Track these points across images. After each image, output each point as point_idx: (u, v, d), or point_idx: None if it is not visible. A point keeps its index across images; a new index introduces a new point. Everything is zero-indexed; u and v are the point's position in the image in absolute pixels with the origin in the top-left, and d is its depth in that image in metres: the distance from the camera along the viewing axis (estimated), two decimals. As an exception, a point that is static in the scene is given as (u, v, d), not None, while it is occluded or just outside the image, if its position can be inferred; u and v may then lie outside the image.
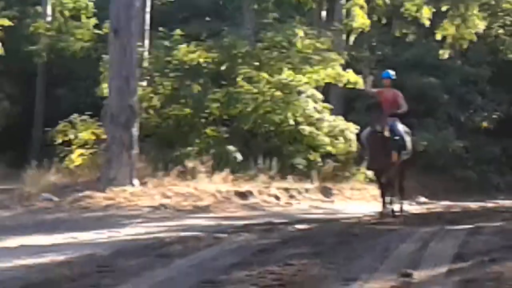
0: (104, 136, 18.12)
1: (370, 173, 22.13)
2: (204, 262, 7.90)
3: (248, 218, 14.40)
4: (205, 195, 16.70)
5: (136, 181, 16.54)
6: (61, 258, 8.53)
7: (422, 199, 23.95)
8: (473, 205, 21.42)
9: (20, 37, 28.17)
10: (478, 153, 27.56)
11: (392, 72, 15.27)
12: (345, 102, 25.95)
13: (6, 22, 26.49)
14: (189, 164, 17.95)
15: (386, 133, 14.19)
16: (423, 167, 25.71)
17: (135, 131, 16.65)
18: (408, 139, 14.90)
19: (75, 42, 27.31)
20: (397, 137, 14.40)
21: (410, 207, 20.23)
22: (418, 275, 6.71)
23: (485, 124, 28.26)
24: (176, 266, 7.71)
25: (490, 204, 22.25)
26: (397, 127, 14.61)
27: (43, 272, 7.52)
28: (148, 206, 15.33)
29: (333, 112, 22.05)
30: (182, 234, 10.83)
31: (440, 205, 21.95)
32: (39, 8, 29.81)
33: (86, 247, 9.63)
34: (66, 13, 28.97)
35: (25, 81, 28.24)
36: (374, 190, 22.49)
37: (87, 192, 15.70)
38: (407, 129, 15.42)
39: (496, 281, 6.29)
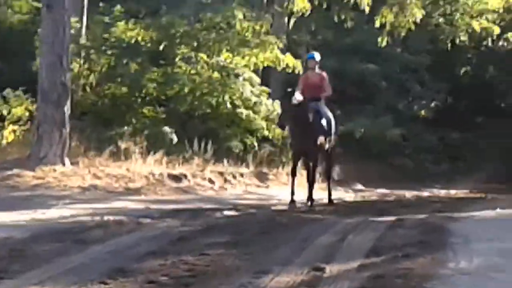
0: (38, 113, 17.80)
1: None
2: (120, 249, 7.82)
3: (178, 202, 14.38)
4: (138, 177, 16.53)
5: (67, 161, 16.28)
6: (-26, 240, 8.36)
7: (359, 186, 24.10)
8: (408, 193, 21.65)
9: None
10: (416, 141, 27.78)
11: (316, 54, 15.02)
12: (284, 86, 25.90)
13: None
14: (123, 145, 17.73)
15: (310, 116, 13.88)
16: (361, 154, 25.89)
17: (67, 109, 16.36)
18: (333, 124, 14.66)
19: (12, 15, 26.72)
20: (323, 120, 14.19)
21: (346, 194, 20.41)
22: (330, 269, 6.72)
23: (423, 112, 28.53)
24: (92, 252, 7.63)
25: (425, 193, 22.52)
26: (323, 110, 14.39)
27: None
28: (78, 187, 15.11)
29: (271, 96, 22.01)
30: (106, 218, 10.70)
31: (375, 193, 22.13)
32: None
33: (5, 229, 9.45)
34: (5, -16, 28.40)
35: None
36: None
37: (16, 170, 15.39)
38: (330, 114, 15.04)
39: (405, 277, 6.30)
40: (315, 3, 24.32)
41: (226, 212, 12.34)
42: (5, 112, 19.40)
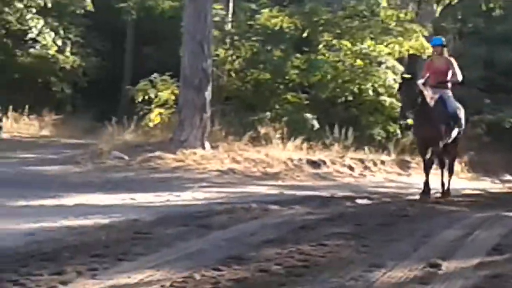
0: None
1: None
2: (241, 236, 7.90)
3: (314, 189, 14.35)
4: (276, 162, 16.64)
5: (207, 145, 16.61)
6: (105, 221, 8.67)
7: (508, 176, 23.40)
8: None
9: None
10: None
11: (442, 38, 14.09)
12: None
13: (99, -22, 26.84)
14: (262, 130, 17.91)
15: (431, 103, 12.55)
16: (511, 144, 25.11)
17: (208, 94, 16.68)
18: (460, 115, 13.37)
19: (164, 1, 27.43)
20: (446, 109, 12.86)
21: (492, 185, 19.87)
22: (447, 266, 6.57)
23: None
24: (212, 238, 7.74)
25: None
26: (448, 99, 13.05)
27: (81, 235, 7.67)
28: (216, 170, 15.38)
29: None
30: (236, 202, 10.86)
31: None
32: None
33: (137, 210, 9.78)
34: (158, -28, 29.15)
35: (114, 37, 28.61)
36: (456, 165, 22.17)
37: (158, 153, 15.83)
38: (458, 104, 13.87)
39: (523, 278, 6.10)
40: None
41: (358, 201, 12.23)
42: (152, 96, 19.99)
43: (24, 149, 17.11)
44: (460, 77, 13.32)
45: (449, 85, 13.26)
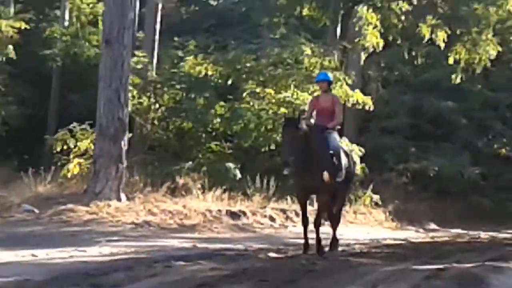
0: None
1: (376, 197, 21.75)
2: (130, 297, 7.50)
3: (230, 241, 14.02)
4: (194, 214, 16.35)
5: (123, 196, 16.22)
6: (-8, 282, 8.18)
7: (432, 225, 23.43)
8: (484, 235, 20.83)
9: (36, 40, 28.04)
10: (496, 180, 26.89)
11: (329, 73, 13.07)
12: (357, 122, 25.53)
13: (22, 25, 26.39)
14: (181, 181, 17.57)
15: (315, 146, 11.43)
16: (437, 192, 25.25)
17: (124, 144, 16.30)
18: (343, 157, 12.17)
19: (90, 48, 27.07)
20: (330, 152, 11.71)
21: (415, 234, 19.79)
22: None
23: (503, 151, 27.59)
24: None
25: (502, 235, 21.60)
26: (331, 139, 11.94)
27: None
28: (131, 223, 15.03)
29: (346, 133, 21.58)
30: (141, 257, 10.47)
31: (449, 233, 21.42)
32: (57, 12, 29.73)
33: (32, 268, 9.29)
34: (83, 18, 28.83)
35: (39, 85, 28.05)
36: (380, 214, 22.13)
37: (70, 205, 15.41)
38: (344, 147, 13.47)
39: None
40: (389, 38, 23.81)
41: (270, 254, 11.93)
42: (71, 145, 19.53)
43: None
44: (340, 119, 12.46)
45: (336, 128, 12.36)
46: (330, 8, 23.33)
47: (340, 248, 13.75)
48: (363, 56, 23.59)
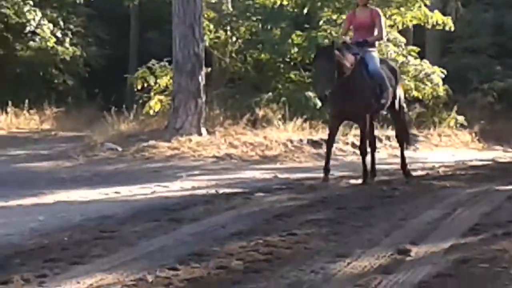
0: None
1: (461, 118, 21.33)
2: (210, 229, 7.54)
3: (311, 170, 13.91)
4: (275, 144, 16.30)
5: (203, 131, 16.28)
6: (76, 219, 8.36)
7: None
8: None
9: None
10: None
11: None
12: (440, 44, 25.03)
13: (98, -34, 26.57)
14: (260, 112, 17.53)
15: (348, 64, 10.56)
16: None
17: (201, 79, 16.32)
18: (385, 77, 11.18)
19: (165, -16, 27.08)
20: (369, 72, 10.87)
21: (503, 154, 19.39)
22: (417, 251, 6.20)
23: None
24: (179, 233, 7.40)
25: None
26: (372, 61, 11.09)
27: (42, 237, 7.34)
28: (212, 157, 15.08)
29: (428, 55, 21.18)
30: (221, 191, 10.53)
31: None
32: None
33: (115, 205, 9.47)
34: (157, -45, 28.79)
35: (117, 25, 28.31)
36: (466, 135, 21.71)
37: (152, 142, 15.53)
38: (391, 63, 12.22)
39: (491, 262, 5.69)
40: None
41: (352, 181, 11.85)
42: (152, 83, 19.70)
43: (17, 146, 16.83)
44: (384, 34, 11.82)
45: (375, 42, 11.56)
46: None
47: (423, 172, 13.64)
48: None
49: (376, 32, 11.30)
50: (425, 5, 20.27)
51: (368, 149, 11.57)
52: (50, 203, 9.91)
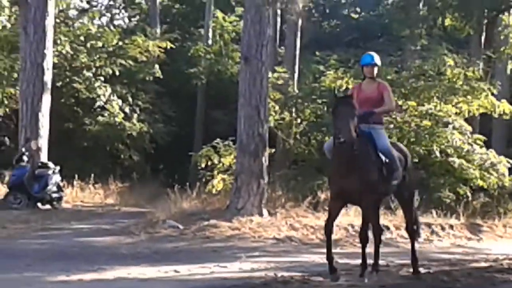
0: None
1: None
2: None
3: (371, 256, 13.78)
4: (336, 229, 16.13)
5: (265, 211, 16.30)
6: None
7: None
8: None
9: (181, 59, 28.79)
10: None
11: (375, 56, 10.52)
12: (506, 134, 24.85)
13: (168, 45, 27.16)
14: (322, 195, 17.49)
15: (355, 144, 9.50)
16: None
17: (265, 160, 16.42)
18: (396, 156, 10.18)
19: (233, 65, 27.54)
20: (379, 153, 9.91)
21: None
22: None
23: None
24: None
25: None
26: (380, 138, 10.17)
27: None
28: (272, 238, 15.03)
29: (494, 144, 20.99)
30: (280, 274, 10.48)
31: None
32: (201, 31, 30.45)
33: (173, 284, 9.53)
34: (226, 36, 29.40)
35: (184, 103, 28.77)
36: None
37: (213, 221, 15.58)
38: (402, 147, 11.20)
39: None
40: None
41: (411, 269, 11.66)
42: (215, 161, 19.90)
43: (80, 219, 17.02)
44: (391, 107, 10.66)
45: (382, 118, 10.65)
46: (473, 17, 22.83)
47: (486, 264, 13.36)
48: (509, 65, 22.94)
49: (385, 104, 10.38)
50: (492, 94, 20.22)
51: (371, 236, 10.60)
52: (110, 279, 10.00)
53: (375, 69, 10.52)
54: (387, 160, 9.88)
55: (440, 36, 24.65)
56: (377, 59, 10.52)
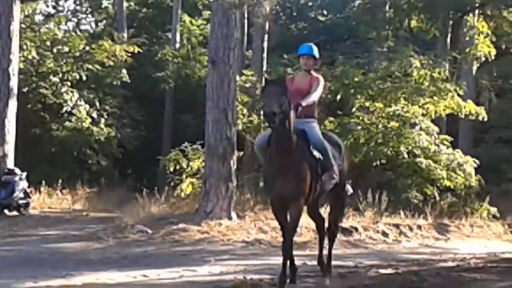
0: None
1: (493, 210, 21.11)
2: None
3: (342, 258, 13.81)
4: (305, 231, 16.19)
5: (234, 215, 16.30)
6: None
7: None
8: None
9: (148, 63, 28.72)
10: None
11: (313, 48, 9.87)
12: (472, 134, 25.03)
13: (136, 49, 27.06)
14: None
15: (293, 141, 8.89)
16: None
17: (233, 163, 16.42)
18: (330, 153, 9.40)
19: (201, 69, 27.52)
20: (314, 150, 9.21)
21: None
22: None
23: None
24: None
25: None
26: (313, 133, 9.37)
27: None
28: (241, 241, 15.04)
29: (460, 144, 21.11)
30: (249, 277, 10.49)
31: None
32: (169, 35, 30.41)
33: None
34: (193, 40, 29.39)
35: (152, 107, 28.70)
36: (498, 227, 21.46)
37: (182, 225, 15.55)
38: (336, 138, 10.30)
39: None
40: (502, 47, 23.29)
41: (381, 270, 11.76)
42: (184, 165, 19.84)
43: (48, 226, 16.89)
44: (315, 97, 9.54)
45: (314, 111, 9.69)
46: (439, 19, 23.00)
47: (453, 263, 13.48)
48: (475, 65, 23.13)
49: (310, 95, 9.45)
50: (458, 95, 20.38)
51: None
52: (78, 285, 9.96)
53: (311, 61, 9.84)
54: (321, 158, 9.18)
55: (407, 38, 24.82)
56: (315, 51, 9.87)
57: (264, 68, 22.42)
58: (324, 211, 11.27)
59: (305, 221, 16.45)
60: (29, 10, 26.75)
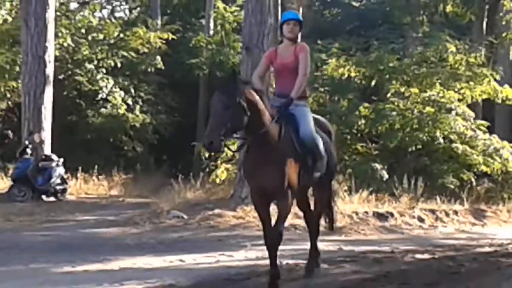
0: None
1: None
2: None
3: (376, 243, 13.81)
4: (340, 216, 16.14)
5: (269, 200, 16.26)
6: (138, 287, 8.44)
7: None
8: None
9: (182, 50, 28.80)
10: None
11: (297, 13, 8.71)
12: (509, 119, 24.81)
13: (170, 36, 27.16)
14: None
15: (274, 127, 7.97)
16: None
17: (269, 148, 16.37)
18: (320, 141, 8.48)
19: (234, 55, 27.52)
20: (299, 136, 8.23)
21: None
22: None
23: None
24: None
25: None
26: (304, 121, 8.39)
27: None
28: (277, 227, 15.02)
29: (497, 130, 20.91)
30: (285, 262, 10.49)
31: None
32: (202, 21, 30.45)
33: (179, 273, 9.53)
34: (227, 26, 29.38)
35: (187, 93, 28.79)
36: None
37: (217, 211, 15.61)
38: (327, 123, 9.33)
39: None
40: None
41: (417, 256, 11.70)
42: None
43: (85, 211, 17.08)
44: (303, 79, 8.58)
45: (305, 90, 8.77)
46: (474, 3, 22.80)
47: (491, 249, 13.37)
48: (511, 50, 22.91)
49: (299, 76, 8.49)
50: (495, 79, 20.18)
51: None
52: (115, 269, 10.03)
53: (298, 27, 8.81)
54: (311, 149, 8.32)
55: (442, 23, 24.64)
56: (300, 17, 9.05)
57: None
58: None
59: (341, 207, 16.58)
60: (64, -3, 26.96)
